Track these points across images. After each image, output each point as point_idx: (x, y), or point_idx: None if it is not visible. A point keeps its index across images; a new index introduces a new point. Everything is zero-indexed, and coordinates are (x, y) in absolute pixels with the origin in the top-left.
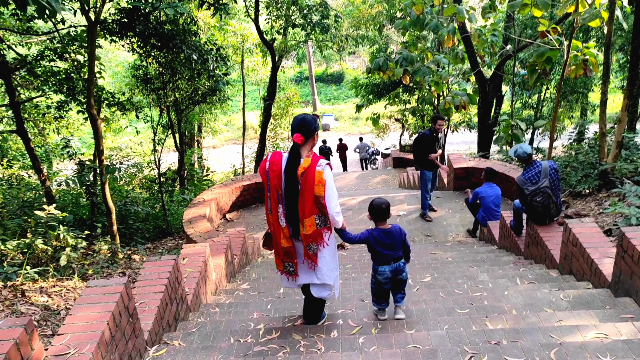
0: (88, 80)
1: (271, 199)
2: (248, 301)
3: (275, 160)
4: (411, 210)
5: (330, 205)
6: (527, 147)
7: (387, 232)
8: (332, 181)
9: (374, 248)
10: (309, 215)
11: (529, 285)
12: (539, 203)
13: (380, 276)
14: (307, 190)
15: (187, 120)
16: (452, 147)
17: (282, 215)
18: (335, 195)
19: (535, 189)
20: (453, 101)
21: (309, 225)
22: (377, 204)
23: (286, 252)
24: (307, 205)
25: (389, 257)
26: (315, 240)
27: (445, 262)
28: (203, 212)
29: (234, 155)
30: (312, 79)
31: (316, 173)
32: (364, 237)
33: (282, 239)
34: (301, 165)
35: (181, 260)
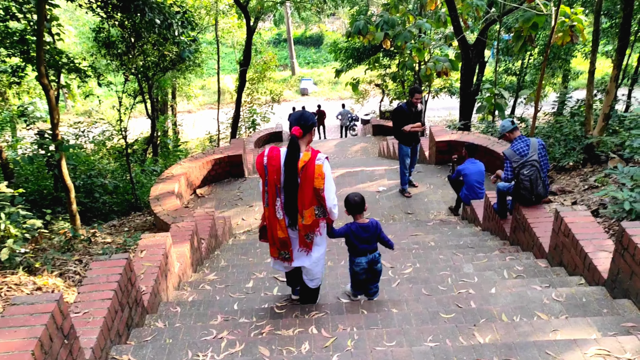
0: (37, 46)
1: (269, 193)
2: (213, 298)
3: (273, 155)
4: (391, 186)
5: (329, 197)
6: (507, 121)
7: (364, 226)
8: (330, 174)
9: (351, 242)
10: (309, 207)
11: (518, 279)
12: (527, 177)
13: (357, 267)
14: (307, 183)
15: (159, 86)
16: (432, 113)
17: (280, 207)
18: (333, 188)
19: (523, 161)
20: (435, 67)
21: (308, 216)
22: (352, 199)
23: (282, 243)
24: (307, 197)
25: (365, 249)
26: (312, 230)
27: (428, 248)
28: (172, 188)
29: (210, 121)
30: (291, 42)
31: (316, 167)
32: (342, 232)
33: (278, 231)
34: (301, 159)
35: (139, 253)
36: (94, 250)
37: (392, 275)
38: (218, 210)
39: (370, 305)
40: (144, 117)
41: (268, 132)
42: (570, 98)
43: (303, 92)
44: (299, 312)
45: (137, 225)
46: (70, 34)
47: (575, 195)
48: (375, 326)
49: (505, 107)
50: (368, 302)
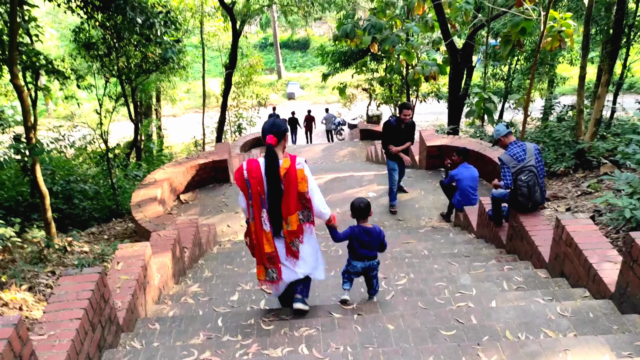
0: (10, 46)
1: (254, 206)
2: (196, 312)
3: (252, 167)
4: (381, 192)
5: (315, 199)
6: (501, 125)
7: (367, 230)
8: (312, 178)
9: (352, 244)
10: (294, 212)
11: (519, 291)
12: (524, 182)
13: (352, 269)
14: (292, 189)
15: (142, 89)
16: (420, 118)
17: (266, 219)
18: (317, 190)
19: (521, 166)
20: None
21: (294, 221)
22: (357, 204)
23: (269, 258)
24: (292, 203)
25: (364, 255)
26: (297, 236)
27: (421, 257)
28: (154, 194)
29: (195, 125)
30: (277, 46)
31: (298, 171)
32: (347, 235)
33: (265, 244)
34: (282, 165)
35: (115, 265)
36: (69, 260)
37: (385, 286)
38: (203, 217)
39: (364, 321)
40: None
41: (254, 136)
42: (559, 103)
43: (290, 96)
44: (287, 328)
45: (117, 232)
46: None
47: (569, 202)
48: (370, 344)
49: (494, 111)
50: (362, 317)
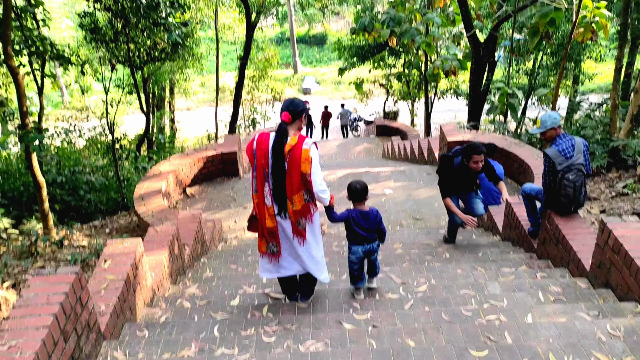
0: (3, 23)
1: (257, 178)
2: (190, 318)
3: (262, 139)
4: (397, 188)
5: (315, 182)
6: (555, 113)
7: (364, 213)
8: (317, 160)
9: (351, 227)
10: (297, 192)
11: (558, 304)
12: (571, 182)
13: (353, 255)
14: (294, 168)
15: (155, 79)
16: (438, 115)
17: (269, 193)
18: (320, 173)
19: (569, 164)
20: (442, 66)
21: (298, 201)
22: (354, 186)
23: (270, 232)
24: (295, 182)
25: (363, 238)
26: (304, 215)
27: (442, 260)
28: (158, 186)
29: (209, 119)
30: (294, 40)
31: (303, 151)
32: (343, 217)
33: (267, 219)
34: (288, 143)
35: (102, 263)
36: (63, 255)
37: (403, 293)
38: (209, 212)
39: (379, 335)
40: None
41: (268, 130)
42: (587, 100)
43: (305, 91)
44: (291, 340)
45: (120, 226)
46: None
47: (603, 203)
48: None
49: (518, 107)
50: (377, 331)
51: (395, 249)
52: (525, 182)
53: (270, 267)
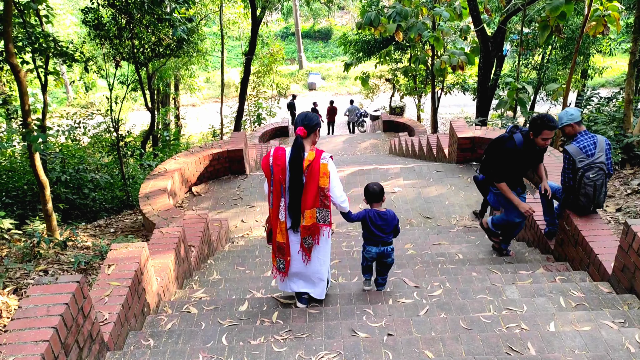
0: (4, 20)
1: (274, 193)
2: (197, 326)
3: (278, 154)
4: (407, 186)
5: (335, 195)
6: (575, 109)
7: (381, 214)
8: (336, 173)
9: (368, 227)
10: (311, 207)
11: (581, 311)
12: (591, 181)
13: (367, 254)
14: (312, 182)
15: (160, 76)
16: (444, 110)
17: (284, 209)
18: (339, 185)
19: (589, 162)
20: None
21: (309, 217)
22: (372, 188)
23: (279, 248)
24: (310, 197)
25: (379, 238)
26: (312, 235)
27: (456, 261)
28: (164, 185)
29: (214, 115)
30: (299, 35)
31: (321, 165)
32: (361, 216)
33: (278, 234)
34: (306, 158)
35: (105, 269)
36: (66, 257)
37: (418, 298)
38: (215, 211)
39: (395, 345)
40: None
41: (274, 126)
42: (598, 94)
43: (311, 87)
44: (303, 351)
45: (125, 226)
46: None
47: (618, 201)
48: None
49: (527, 102)
50: (393, 340)
51: (406, 249)
52: (537, 180)
53: (280, 283)
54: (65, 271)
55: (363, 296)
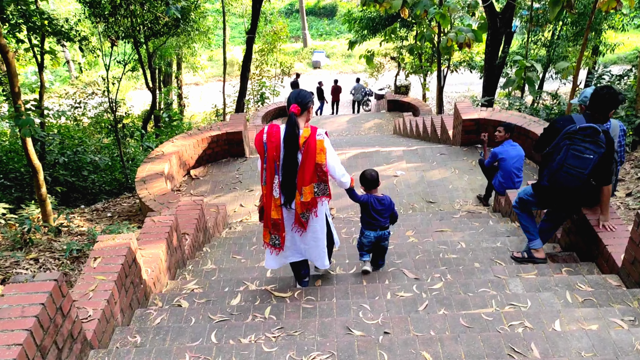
0: None
1: (267, 170)
2: (187, 321)
3: (272, 131)
4: (410, 169)
5: (335, 171)
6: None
7: (379, 199)
8: (332, 148)
9: (368, 211)
10: (309, 184)
11: (588, 307)
12: None
13: (365, 239)
14: (309, 159)
15: (160, 55)
16: (450, 89)
17: (277, 186)
18: (338, 160)
19: None
20: (457, 38)
21: (308, 193)
22: (369, 174)
23: (274, 224)
24: (307, 173)
25: (377, 223)
26: (309, 209)
27: (458, 250)
28: (161, 168)
29: (218, 94)
30: (303, 12)
31: (317, 142)
32: (364, 199)
33: (272, 210)
34: (302, 135)
35: (91, 262)
36: (59, 244)
37: (417, 291)
38: (213, 195)
39: (391, 345)
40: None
41: (277, 106)
42: (609, 72)
43: (315, 65)
44: (294, 351)
45: (123, 209)
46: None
47: (628, 185)
48: None
49: (536, 81)
50: (389, 339)
51: (407, 236)
52: None
53: (274, 258)
54: (57, 259)
55: (360, 289)
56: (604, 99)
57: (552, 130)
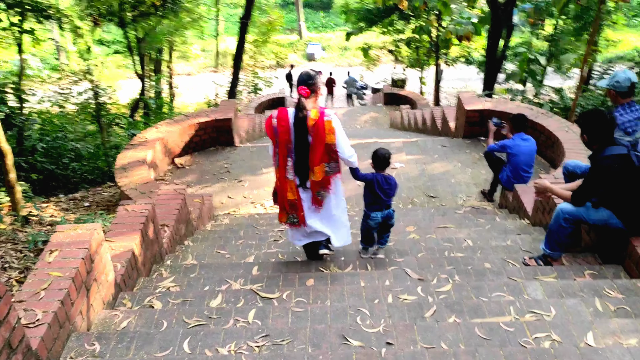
0: None
1: (279, 154)
2: (157, 325)
3: (282, 116)
4: (410, 162)
5: (344, 150)
6: (631, 74)
7: (387, 178)
8: (341, 128)
9: (374, 190)
10: (319, 164)
11: (623, 318)
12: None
13: (372, 221)
14: (319, 140)
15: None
16: (447, 84)
17: (291, 168)
18: (346, 140)
19: (629, 140)
20: (456, 31)
21: (319, 173)
22: (381, 153)
23: (292, 205)
24: (318, 154)
25: (383, 203)
26: (324, 187)
27: (465, 249)
28: (143, 156)
29: (210, 84)
30: (299, 4)
31: (326, 123)
32: (369, 177)
33: (288, 192)
34: (310, 117)
35: (46, 256)
36: (25, 235)
37: (422, 294)
38: (199, 185)
39: (396, 359)
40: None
41: (270, 97)
42: (612, 68)
43: (310, 58)
44: None
45: (102, 199)
46: None
47: None
48: None
49: (540, 74)
50: (393, 351)
51: (408, 232)
52: (554, 157)
53: (297, 235)
54: (19, 252)
55: (358, 290)
56: (605, 121)
57: (609, 175)
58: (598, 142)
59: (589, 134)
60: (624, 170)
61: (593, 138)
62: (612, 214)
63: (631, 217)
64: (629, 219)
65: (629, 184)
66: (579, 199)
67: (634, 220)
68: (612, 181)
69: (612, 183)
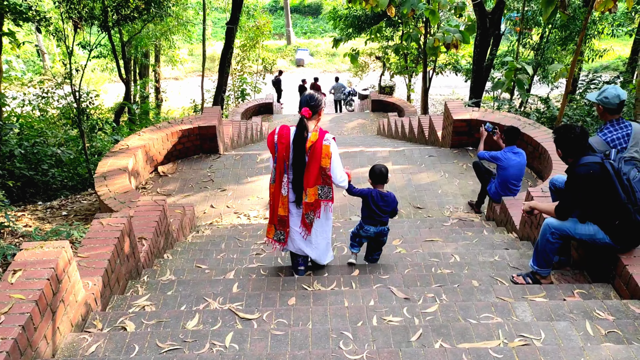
0: None
1: (277, 169)
2: (128, 350)
3: (283, 133)
4: (396, 171)
5: (336, 175)
6: (621, 91)
7: (383, 195)
8: (337, 154)
9: (369, 205)
10: (313, 185)
11: (615, 343)
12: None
13: (364, 233)
14: (314, 162)
15: (136, 44)
16: (435, 91)
17: (287, 184)
18: (340, 166)
19: (617, 157)
20: (444, 39)
21: (312, 194)
22: (378, 169)
23: (280, 220)
24: (312, 175)
25: (379, 218)
26: (314, 210)
27: (452, 265)
28: (124, 164)
29: (197, 89)
30: (287, 9)
31: (323, 147)
32: (364, 192)
33: (279, 207)
34: (309, 139)
35: (9, 276)
36: None
37: (408, 315)
38: (182, 194)
39: None
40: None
41: (257, 103)
42: (599, 77)
43: (298, 63)
44: None
45: (81, 208)
46: None
47: None
48: None
49: (526, 83)
50: None
51: (394, 246)
52: (541, 168)
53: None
54: None
55: (341, 311)
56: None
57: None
58: (572, 155)
59: (562, 148)
60: (600, 177)
61: (567, 152)
62: (599, 229)
63: (617, 230)
64: (615, 232)
65: (607, 192)
66: (562, 211)
67: (620, 233)
68: (590, 188)
69: (590, 190)
